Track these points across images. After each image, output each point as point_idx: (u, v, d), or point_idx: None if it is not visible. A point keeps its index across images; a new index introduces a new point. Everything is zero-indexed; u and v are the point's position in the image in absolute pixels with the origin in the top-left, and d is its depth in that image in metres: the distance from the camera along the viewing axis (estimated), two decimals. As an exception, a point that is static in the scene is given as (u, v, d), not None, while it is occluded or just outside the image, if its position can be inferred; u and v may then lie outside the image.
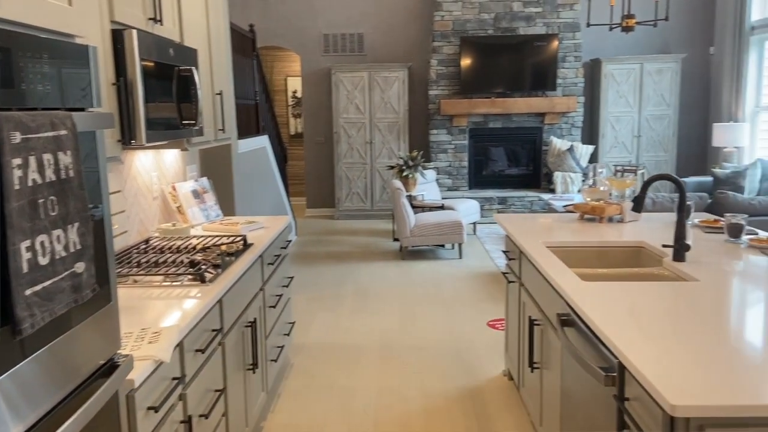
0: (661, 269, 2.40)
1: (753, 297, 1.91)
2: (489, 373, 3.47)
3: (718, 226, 2.91)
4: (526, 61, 7.82)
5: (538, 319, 2.51)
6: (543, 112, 7.90)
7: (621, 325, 1.66)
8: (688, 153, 8.31)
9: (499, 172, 8.34)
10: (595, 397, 1.76)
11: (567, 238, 2.78)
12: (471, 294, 4.98)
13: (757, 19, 7.15)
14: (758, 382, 1.30)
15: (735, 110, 7.41)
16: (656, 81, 7.91)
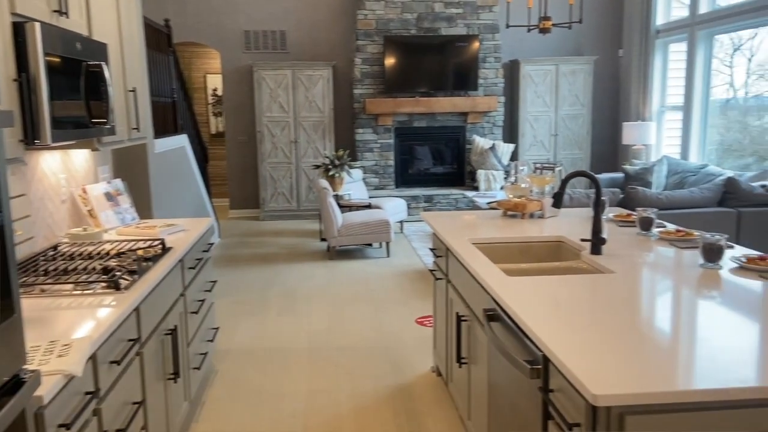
0: (580, 262, 2.48)
1: (664, 286, 2.01)
2: (418, 370, 3.50)
3: (630, 220, 3.05)
4: (449, 61, 7.95)
5: (465, 315, 2.54)
6: (466, 111, 8.06)
7: (544, 318, 1.70)
8: (601, 151, 8.72)
9: (425, 171, 8.44)
10: (521, 389, 1.79)
11: (491, 234, 2.83)
12: (399, 292, 5.01)
13: (661, 24, 7.60)
14: (673, 369, 1.36)
15: (642, 110, 7.83)
16: (571, 82, 8.25)
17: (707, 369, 1.35)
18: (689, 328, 1.61)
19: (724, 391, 1.27)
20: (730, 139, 7.06)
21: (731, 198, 4.97)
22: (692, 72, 7.02)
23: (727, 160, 6.94)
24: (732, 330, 1.58)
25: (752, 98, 6.78)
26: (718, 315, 1.70)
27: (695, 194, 4.99)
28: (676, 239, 2.62)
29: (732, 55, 7.15)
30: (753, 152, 6.68)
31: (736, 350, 1.45)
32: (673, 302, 1.85)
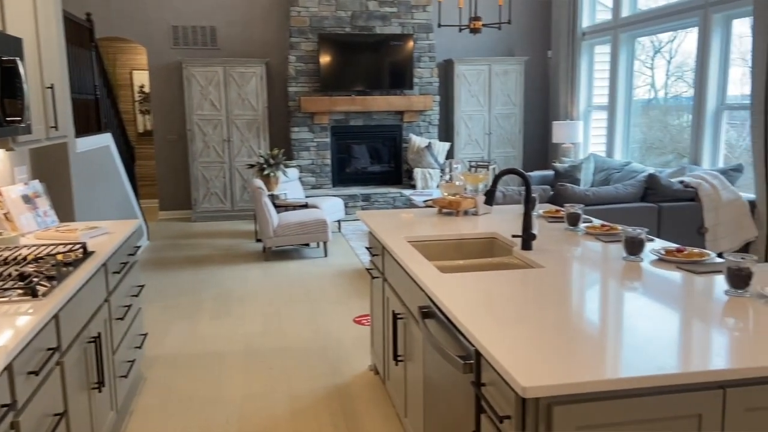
0: (512, 258, 2.54)
1: (591, 279, 2.07)
2: (356, 369, 3.48)
3: (559, 216, 3.14)
4: (384, 60, 7.98)
5: (401, 313, 2.55)
6: (402, 110, 8.11)
7: (477, 313, 1.72)
8: (532, 149, 8.97)
9: (362, 170, 8.43)
10: (455, 384, 1.81)
11: (427, 232, 2.85)
12: (337, 292, 4.98)
13: (587, 26, 7.88)
14: (599, 359, 1.40)
15: (571, 109, 8.11)
16: (503, 82, 8.44)
17: (632, 358, 1.40)
18: (615, 319, 1.67)
19: (647, 378, 1.31)
20: (651, 137, 7.41)
21: (652, 193, 5.21)
22: (616, 73, 7.32)
23: (650, 158, 7.28)
24: (654, 319, 1.65)
25: (671, 98, 7.14)
26: (640, 305, 1.77)
27: (619, 190, 5.20)
28: (601, 234, 2.71)
29: (653, 57, 7.51)
30: (673, 150, 7.04)
31: (658, 339, 1.51)
32: (599, 294, 1.91)
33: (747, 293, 1.83)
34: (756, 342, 1.47)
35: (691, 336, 1.53)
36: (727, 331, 1.55)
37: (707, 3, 5.82)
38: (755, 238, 5.21)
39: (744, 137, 5.89)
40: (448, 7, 8.05)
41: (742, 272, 1.82)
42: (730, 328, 1.57)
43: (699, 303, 1.77)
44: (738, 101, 5.83)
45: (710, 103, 5.92)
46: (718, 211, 5.18)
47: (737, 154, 6.10)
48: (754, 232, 5.19)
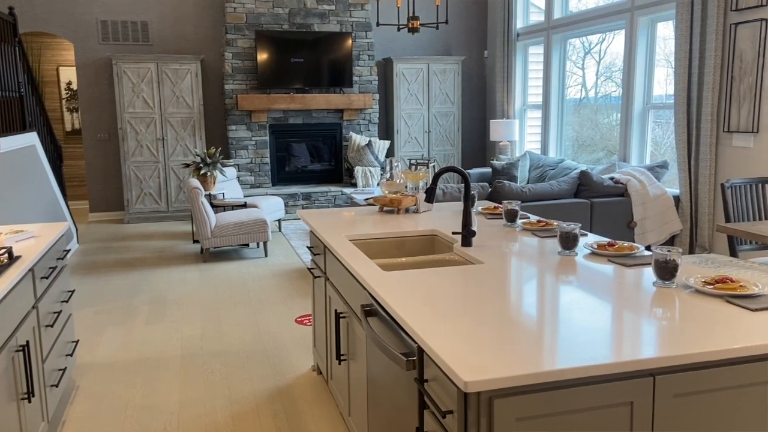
0: (452, 254, 2.57)
1: (528, 273, 2.13)
2: (298, 370, 3.45)
3: (497, 213, 3.21)
4: (323, 58, 7.93)
5: (343, 312, 2.54)
6: (342, 108, 8.08)
7: (419, 310, 1.73)
8: (471, 147, 9.13)
9: (302, 168, 8.36)
10: (399, 382, 1.82)
11: (368, 230, 2.85)
12: (278, 292, 4.92)
13: (521, 27, 8.09)
14: (538, 351, 1.44)
15: (507, 108, 8.30)
16: (441, 80, 8.55)
17: (568, 349, 1.44)
18: (551, 312, 1.72)
19: (582, 369, 1.36)
20: (584, 135, 7.67)
21: (585, 189, 5.40)
22: (549, 73, 7.54)
23: (582, 155, 7.54)
24: (588, 311, 1.71)
25: (601, 98, 7.42)
26: (575, 298, 1.83)
27: (554, 187, 5.36)
28: (537, 229, 2.79)
29: (583, 58, 7.78)
30: (603, 147, 7.31)
31: (592, 330, 1.56)
32: (537, 288, 1.97)
33: (673, 284, 1.92)
34: (682, 330, 1.55)
35: (623, 326, 1.59)
36: (655, 321, 1.63)
37: (633, 6, 6.08)
38: (680, 231, 5.48)
39: (668, 135, 6.18)
40: (386, 6, 8.08)
41: (668, 264, 1.91)
42: (658, 318, 1.65)
43: (629, 294, 1.85)
44: (663, 101, 6.12)
45: (637, 102, 6.19)
46: (645, 206, 5.42)
47: (662, 151, 6.40)
48: (678, 225, 5.46)
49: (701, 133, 5.21)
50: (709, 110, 5.10)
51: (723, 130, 5.11)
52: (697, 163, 5.31)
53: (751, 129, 4.83)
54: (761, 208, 3.97)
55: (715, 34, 4.98)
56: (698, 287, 1.83)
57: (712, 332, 1.52)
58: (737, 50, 4.90)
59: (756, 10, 4.72)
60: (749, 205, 3.94)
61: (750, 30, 4.78)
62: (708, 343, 1.46)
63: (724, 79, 5.05)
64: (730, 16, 4.95)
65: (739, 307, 1.69)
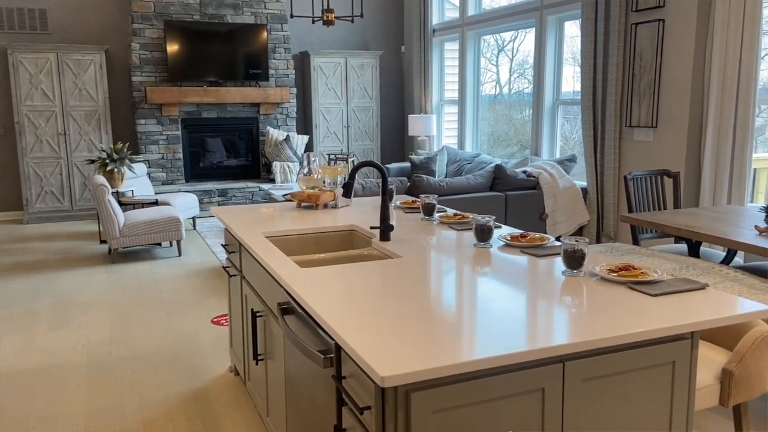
0: (371, 249, 2.56)
1: (445, 266, 2.15)
2: (215, 371, 3.34)
3: (415, 207, 3.23)
4: (238, 51, 7.72)
5: (260, 311, 2.47)
6: (258, 102, 7.90)
7: (337, 306, 1.70)
8: (390, 141, 9.18)
9: (218, 164, 8.11)
10: (316, 380, 1.78)
11: (286, 226, 2.79)
12: (193, 292, 4.74)
13: (437, 23, 8.20)
14: (453, 343, 1.45)
15: (424, 103, 8.41)
16: (359, 75, 8.54)
17: (483, 340, 1.46)
18: (468, 303, 1.74)
19: (496, 358, 1.37)
20: (499, 130, 7.90)
21: (499, 183, 5.55)
22: (464, 69, 7.70)
23: (497, 149, 7.76)
24: (503, 302, 1.74)
25: (515, 94, 7.66)
26: (490, 289, 1.86)
27: (470, 181, 5.48)
28: (454, 222, 2.82)
29: (497, 54, 8.00)
30: (517, 142, 7.56)
31: (506, 320, 1.59)
32: (454, 280, 1.98)
33: (581, 273, 1.99)
34: (589, 317, 1.60)
35: (535, 315, 1.63)
36: (564, 309, 1.68)
37: (542, 5, 6.30)
38: (588, 222, 5.75)
39: (577, 130, 6.47)
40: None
41: (576, 254, 1.98)
42: (567, 306, 1.70)
43: (541, 284, 1.90)
44: (571, 97, 6.38)
45: (547, 98, 6.43)
46: (556, 198, 5.64)
47: (572, 146, 6.69)
48: (586, 216, 5.73)
49: (606, 128, 5.47)
50: (613, 106, 5.37)
51: (626, 125, 5.39)
52: (602, 157, 5.58)
53: (651, 124, 5.13)
54: (660, 199, 4.21)
55: (618, 33, 5.24)
56: (603, 275, 1.91)
57: (617, 318, 1.59)
58: (638, 49, 5.18)
59: (654, 11, 5.01)
60: (650, 196, 4.18)
61: (649, 30, 5.06)
62: (613, 328, 1.52)
63: (626, 77, 5.33)
64: (631, 16, 5.22)
65: (641, 293, 1.78)
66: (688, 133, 4.87)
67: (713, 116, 4.70)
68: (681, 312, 1.62)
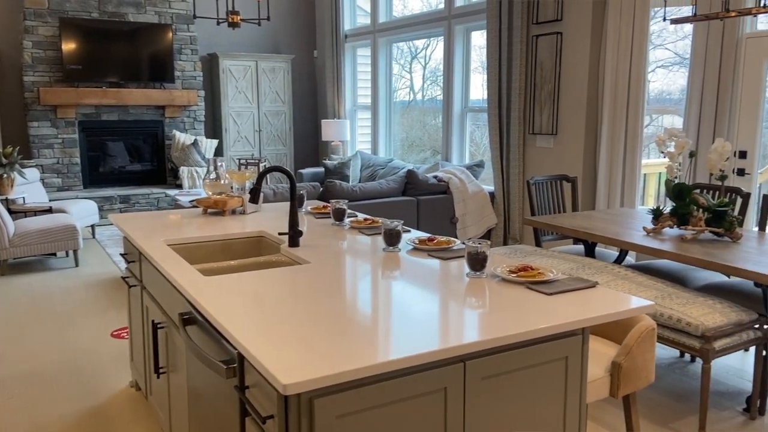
0: (279, 256, 2.52)
1: (354, 271, 2.15)
2: (115, 387, 3.17)
3: (326, 212, 3.21)
4: (142, 51, 7.40)
5: (161, 322, 2.37)
6: (163, 104, 7.61)
7: (241, 315, 1.66)
8: (304, 146, 9.11)
9: (120, 169, 7.74)
10: (220, 391, 1.73)
11: (191, 234, 2.70)
12: (91, 304, 4.49)
13: (349, 29, 8.23)
14: (358, 347, 1.45)
15: (338, 108, 8.41)
16: (271, 79, 8.42)
17: (387, 343, 1.47)
18: (374, 307, 1.75)
19: (399, 360, 1.39)
20: (413, 135, 8.03)
21: (412, 188, 5.64)
22: (376, 75, 7.78)
23: (411, 154, 7.89)
24: (408, 304, 1.76)
25: (428, 100, 7.82)
26: (397, 292, 1.88)
27: (383, 185, 5.53)
28: (364, 227, 2.84)
29: (411, 62, 8.14)
30: (430, 147, 7.72)
31: (412, 322, 1.61)
32: (361, 285, 1.99)
33: (483, 274, 2.06)
34: (490, 317, 1.66)
35: (438, 317, 1.67)
36: (467, 310, 1.72)
37: (450, 15, 6.48)
38: (495, 225, 5.95)
39: (486, 136, 6.69)
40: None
41: (479, 256, 2.04)
42: (469, 307, 1.75)
43: (445, 286, 1.95)
44: (480, 104, 6.60)
45: (456, 105, 6.61)
46: (465, 202, 5.81)
47: (482, 151, 6.91)
48: (494, 219, 5.93)
49: (511, 135, 5.70)
50: (517, 114, 5.59)
51: (529, 132, 5.63)
52: (508, 162, 5.80)
53: (552, 131, 5.39)
54: (560, 202, 4.43)
55: (520, 44, 5.47)
56: (504, 276, 1.98)
57: (514, 317, 1.65)
58: (539, 60, 5.43)
59: (552, 24, 5.27)
60: (551, 200, 4.39)
61: (548, 42, 5.32)
62: (510, 327, 1.57)
63: (528, 86, 5.57)
64: (532, 28, 5.47)
65: (537, 292, 1.86)
66: (584, 140, 5.16)
67: (607, 125, 5.01)
68: (573, 309, 1.70)
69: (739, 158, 4.59)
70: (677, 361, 3.48)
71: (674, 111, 5.62)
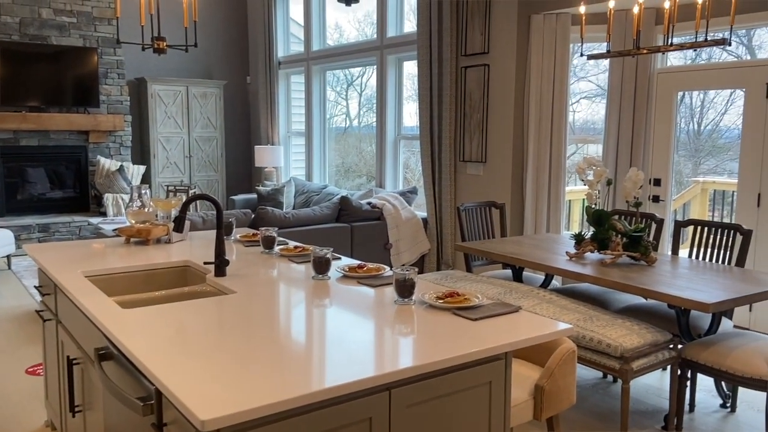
0: (205, 286, 2.46)
1: (281, 300, 2.12)
2: (28, 427, 2.97)
3: (256, 240, 3.17)
4: (65, 75, 7.14)
5: (77, 358, 2.26)
6: (87, 130, 7.34)
7: (161, 349, 1.60)
8: (236, 172, 8.97)
9: (40, 196, 7.37)
10: (137, 429, 1.66)
11: (113, 264, 2.60)
12: (5, 340, 4.22)
13: (282, 56, 8.24)
14: (281, 379, 1.42)
15: (271, 134, 8.36)
16: (202, 104, 8.29)
17: (312, 373, 1.45)
18: (301, 337, 1.72)
19: (322, 392, 1.37)
20: (349, 161, 8.07)
21: (345, 214, 5.64)
22: (310, 102, 7.80)
23: (348, 180, 7.92)
24: (336, 333, 1.75)
25: (364, 127, 7.89)
26: (325, 321, 1.87)
27: (317, 212, 5.51)
28: (294, 255, 2.81)
29: (347, 89, 8.22)
30: (366, 173, 7.77)
31: (339, 351, 1.60)
32: (289, 315, 1.96)
33: (412, 301, 2.08)
34: (415, 344, 1.67)
35: (365, 345, 1.66)
36: (394, 337, 1.73)
37: (382, 45, 6.60)
38: (429, 250, 6.03)
39: (420, 163, 6.80)
40: (133, 22, 7.58)
41: (406, 283, 2.06)
42: (396, 334, 1.75)
43: (374, 314, 1.95)
44: (415, 132, 6.72)
45: (389, 133, 6.70)
46: (399, 228, 5.86)
47: (417, 177, 7.02)
48: (427, 245, 6.00)
49: (443, 162, 5.82)
50: (448, 142, 5.73)
51: (459, 160, 5.77)
52: (440, 189, 5.91)
53: (481, 159, 5.54)
54: (489, 228, 4.55)
55: (450, 75, 5.63)
56: (431, 302, 2.01)
57: (440, 343, 1.67)
58: (468, 90, 5.60)
59: (480, 56, 5.46)
60: (480, 226, 4.49)
61: (476, 73, 5.51)
62: (435, 354, 1.59)
63: (459, 115, 5.73)
64: (461, 60, 5.65)
65: (463, 318, 1.89)
66: (512, 167, 5.33)
67: (532, 153, 5.20)
68: (496, 334, 1.74)
69: (654, 185, 4.87)
70: (600, 382, 3.60)
71: (597, 140, 5.91)
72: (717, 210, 6.38)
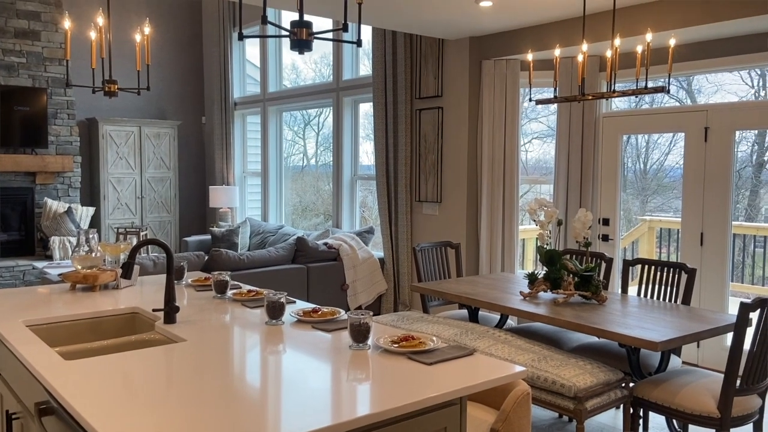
0: (154, 334, 2.39)
1: (233, 348, 2.07)
2: (-41, 492, 2.78)
3: (208, 284, 3.10)
4: (12, 115, 6.96)
5: (17, 412, 2.14)
6: (34, 171, 7.13)
7: (105, 403, 1.54)
8: (190, 213, 8.83)
9: (-19, 239, 7.07)
10: (78, 491, 1.57)
11: (57, 312, 2.50)
12: (-63, 394, 3.96)
13: (238, 97, 8.25)
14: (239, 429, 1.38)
15: (227, 174, 8.29)
16: (156, 144, 8.18)
17: (261, 425, 1.41)
18: (252, 387, 1.68)
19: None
20: (306, 200, 8.05)
21: (301, 255, 5.60)
22: (267, 142, 7.79)
23: (306, 219, 7.88)
24: (287, 382, 1.71)
25: (322, 166, 7.91)
26: (277, 370, 1.83)
27: (272, 253, 5.45)
28: (247, 299, 2.76)
29: (304, 128, 8.26)
30: (324, 212, 7.75)
31: (288, 401, 1.56)
32: (240, 363, 1.92)
33: (367, 346, 2.05)
34: (370, 391, 1.65)
35: (317, 394, 1.63)
36: (347, 385, 1.70)
37: (338, 87, 6.69)
38: (386, 291, 6.01)
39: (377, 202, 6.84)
40: (84, 64, 7.49)
41: (361, 327, 2.04)
42: (349, 381, 1.73)
43: (327, 360, 1.92)
44: (371, 171, 6.77)
45: (346, 172, 6.74)
46: (356, 269, 5.84)
47: (374, 216, 7.04)
48: (384, 285, 5.99)
49: (399, 202, 5.87)
50: (404, 182, 5.79)
51: (415, 200, 5.84)
52: (397, 229, 5.94)
53: (436, 199, 5.61)
54: (445, 268, 4.58)
55: (405, 117, 5.74)
56: (386, 347, 1.99)
57: (394, 390, 1.65)
58: (422, 132, 5.71)
59: (434, 99, 5.59)
60: (436, 266, 4.52)
61: (431, 115, 5.62)
62: (390, 401, 1.57)
63: (414, 156, 5.82)
64: (415, 102, 5.76)
65: (418, 362, 1.88)
66: (467, 207, 5.41)
67: (486, 193, 5.30)
68: (451, 379, 1.74)
69: (603, 225, 5.01)
70: (557, 422, 3.62)
71: (548, 180, 6.07)
72: (664, 247, 6.60)
